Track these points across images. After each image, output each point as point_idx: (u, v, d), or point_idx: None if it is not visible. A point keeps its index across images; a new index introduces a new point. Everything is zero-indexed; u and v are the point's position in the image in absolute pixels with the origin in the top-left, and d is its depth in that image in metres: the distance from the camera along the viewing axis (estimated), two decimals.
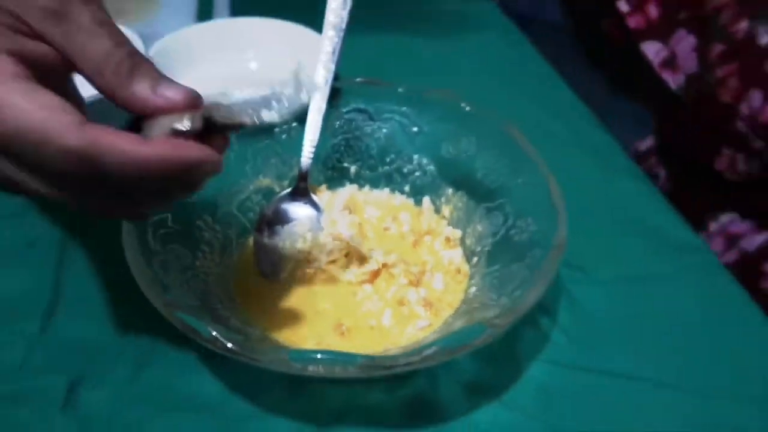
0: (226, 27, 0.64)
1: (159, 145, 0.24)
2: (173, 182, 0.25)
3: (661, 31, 0.63)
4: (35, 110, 0.22)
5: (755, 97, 0.57)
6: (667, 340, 0.39)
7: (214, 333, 0.28)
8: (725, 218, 0.69)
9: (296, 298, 0.38)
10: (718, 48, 0.59)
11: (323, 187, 0.46)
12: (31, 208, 0.46)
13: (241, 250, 0.41)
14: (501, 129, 0.42)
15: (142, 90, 0.25)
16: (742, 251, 0.69)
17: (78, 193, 0.25)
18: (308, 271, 0.40)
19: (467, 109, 0.43)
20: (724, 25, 0.58)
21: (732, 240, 0.69)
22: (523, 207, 0.39)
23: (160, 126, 0.25)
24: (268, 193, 0.44)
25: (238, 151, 0.43)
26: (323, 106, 0.42)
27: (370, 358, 0.28)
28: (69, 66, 0.26)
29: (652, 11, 0.63)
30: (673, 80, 0.63)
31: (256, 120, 0.27)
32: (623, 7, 0.63)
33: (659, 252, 0.45)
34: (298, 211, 0.42)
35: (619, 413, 0.36)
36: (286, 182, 0.44)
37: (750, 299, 0.42)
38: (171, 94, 0.25)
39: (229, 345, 0.28)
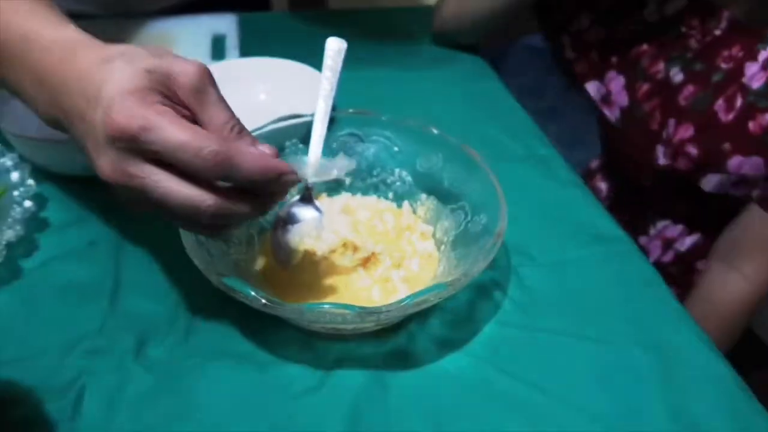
0: (237, 65, 0.76)
1: (267, 150, 0.39)
2: (273, 184, 0.38)
3: (598, 72, 0.76)
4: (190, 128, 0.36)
5: (671, 123, 0.70)
6: (590, 305, 0.51)
7: (253, 293, 0.40)
8: (661, 224, 0.82)
9: (305, 280, 0.50)
10: (643, 87, 0.72)
11: (324, 194, 0.58)
12: (91, 216, 0.58)
13: (261, 244, 0.53)
14: (461, 148, 0.54)
15: (246, 146, 0.38)
16: (677, 252, 0.82)
17: (208, 193, 0.37)
18: (314, 259, 0.51)
19: (435, 133, 0.56)
20: (645, 67, 0.72)
21: (668, 242, 0.82)
22: (477, 206, 0.51)
23: None
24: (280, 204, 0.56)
25: None
26: (323, 132, 0.55)
27: (362, 308, 0.40)
28: None
29: (594, 56, 0.76)
30: (610, 113, 0.76)
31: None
32: (569, 54, 0.77)
33: (589, 242, 0.57)
34: (305, 213, 0.54)
35: (550, 360, 0.47)
36: (295, 190, 0.56)
37: (656, 275, 0.54)
38: (265, 149, 0.39)
39: (263, 301, 0.39)
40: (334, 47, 0.53)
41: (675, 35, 0.71)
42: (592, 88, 0.77)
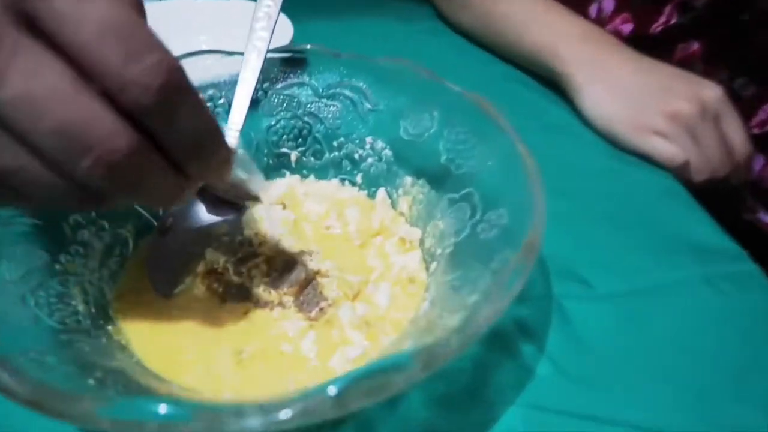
0: (178, 6, 0.56)
1: None
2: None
3: None
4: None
5: None
6: (694, 377, 0.29)
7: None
8: None
9: (192, 315, 0.29)
10: None
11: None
12: None
13: (136, 254, 0.32)
14: (470, 103, 0.32)
15: None
16: None
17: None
18: (214, 286, 0.30)
19: (430, 79, 0.34)
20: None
21: None
22: (494, 196, 0.29)
23: None
24: None
25: None
26: (254, 80, 0.34)
27: (221, 410, 0.19)
28: None
29: None
30: None
31: None
32: None
33: (681, 260, 0.35)
34: (214, 207, 0.33)
35: None
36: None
37: None
38: None
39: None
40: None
41: (734, 26, 0.50)
42: None
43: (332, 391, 0.19)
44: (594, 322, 0.31)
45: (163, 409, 0.18)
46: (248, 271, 0.31)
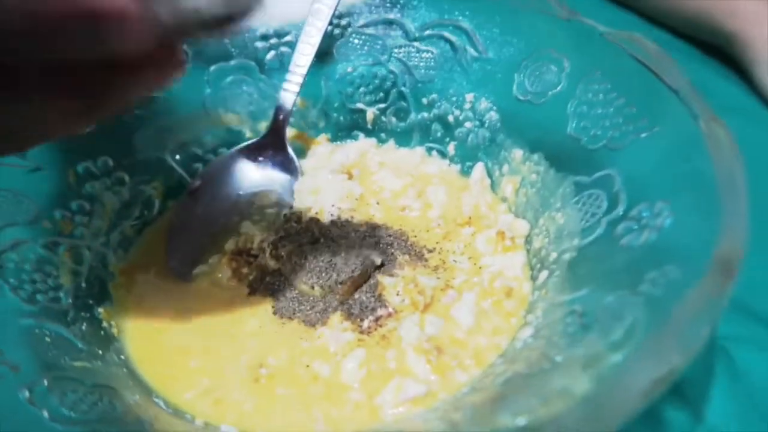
0: None
1: None
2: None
3: None
4: None
5: None
6: None
7: None
8: None
9: (208, 307, 0.22)
10: None
11: (323, 137, 0.30)
12: None
13: (155, 222, 0.26)
14: (620, 48, 0.22)
15: None
16: None
17: None
18: (243, 270, 0.23)
19: (560, 15, 0.24)
20: None
21: None
22: (649, 183, 0.19)
23: None
24: (231, 138, 0.28)
25: (193, 68, 0.28)
26: (329, 12, 0.26)
27: None
28: None
29: None
30: None
31: None
32: None
33: None
34: (261, 173, 0.26)
35: None
36: (262, 125, 0.28)
37: None
38: None
39: None
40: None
41: None
42: None
43: None
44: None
45: None
46: (288, 256, 0.23)
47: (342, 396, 0.19)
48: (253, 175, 0.27)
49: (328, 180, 0.27)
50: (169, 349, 0.21)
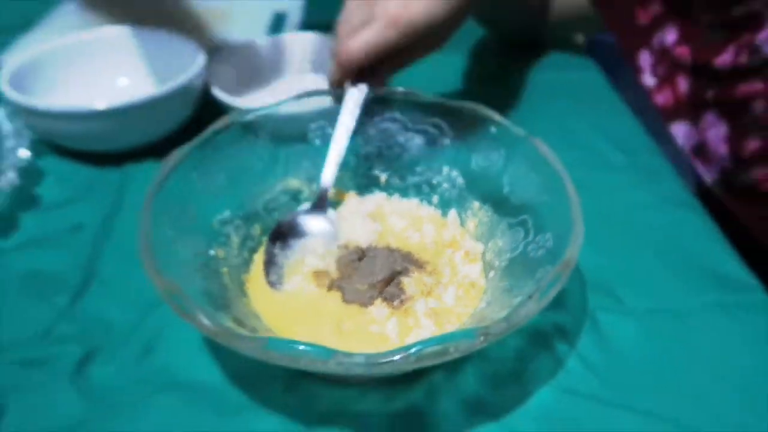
0: (292, 40, 0.66)
1: None
2: None
3: (690, 111, 0.53)
4: None
5: None
6: (697, 380, 0.36)
7: (198, 314, 0.29)
8: None
9: (302, 300, 0.38)
10: (753, 144, 0.49)
11: (352, 192, 0.46)
12: (84, 197, 0.49)
13: (261, 247, 0.42)
14: (532, 144, 0.40)
15: None
16: None
17: None
18: (321, 280, 0.40)
19: (500, 121, 0.42)
20: (758, 116, 0.49)
21: None
22: (544, 223, 0.37)
23: None
24: (296, 195, 0.45)
25: (271, 151, 0.44)
26: (351, 124, 0.43)
27: (347, 354, 0.28)
28: None
29: (682, 85, 0.53)
30: (706, 172, 0.54)
31: None
32: (648, 81, 0.55)
33: (702, 286, 0.41)
34: (314, 226, 0.42)
35: None
36: (315, 185, 0.45)
37: None
38: None
39: (206, 322, 0.28)
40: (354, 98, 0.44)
41: None
42: (679, 131, 0.55)
43: (414, 349, 0.28)
44: (620, 331, 0.38)
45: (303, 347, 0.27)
46: (346, 268, 0.40)
47: (387, 341, 0.36)
48: (311, 225, 0.43)
49: (360, 222, 0.43)
50: (284, 318, 0.37)
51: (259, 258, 0.41)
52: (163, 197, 0.36)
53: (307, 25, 0.74)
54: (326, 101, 0.46)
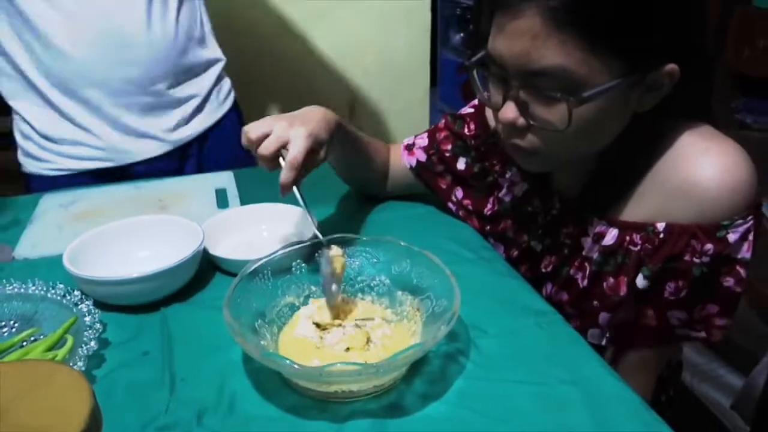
0: (240, 212, 0.97)
1: None
2: None
3: (484, 236, 0.96)
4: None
5: (548, 286, 0.91)
6: (531, 359, 0.69)
7: (287, 361, 0.57)
8: None
9: (306, 352, 0.67)
10: (515, 253, 0.93)
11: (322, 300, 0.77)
12: (141, 333, 0.74)
13: (281, 332, 0.70)
14: (424, 255, 0.74)
15: None
16: None
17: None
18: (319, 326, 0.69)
19: (404, 245, 0.76)
20: (512, 237, 0.92)
21: None
22: (439, 295, 0.70)
23: None
24: (292, 306, 0.74)
25: (273, 282, 0.73)
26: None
27: (363, 365, 0.57)
28: None
29: (476, 224, 0.97)
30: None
31: None
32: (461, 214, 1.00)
33: (526, 315, 0.76)
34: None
35: (505, 400, 0.64)
36: (302, 298, 0.75)
37: (576, 335, 0.73)
38: None
39: (291, 364, 0.56)
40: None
41: (525, 213, 0.86)
42: None
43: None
44: (489, 346, 0.71)
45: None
46: (334, 321, 0.69)
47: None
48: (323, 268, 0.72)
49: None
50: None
51: (282, 337, 0.69)
52: (231, 308, 0.63)
53: (243, 200, 1.05)
54: (303, 247, 0.77)
